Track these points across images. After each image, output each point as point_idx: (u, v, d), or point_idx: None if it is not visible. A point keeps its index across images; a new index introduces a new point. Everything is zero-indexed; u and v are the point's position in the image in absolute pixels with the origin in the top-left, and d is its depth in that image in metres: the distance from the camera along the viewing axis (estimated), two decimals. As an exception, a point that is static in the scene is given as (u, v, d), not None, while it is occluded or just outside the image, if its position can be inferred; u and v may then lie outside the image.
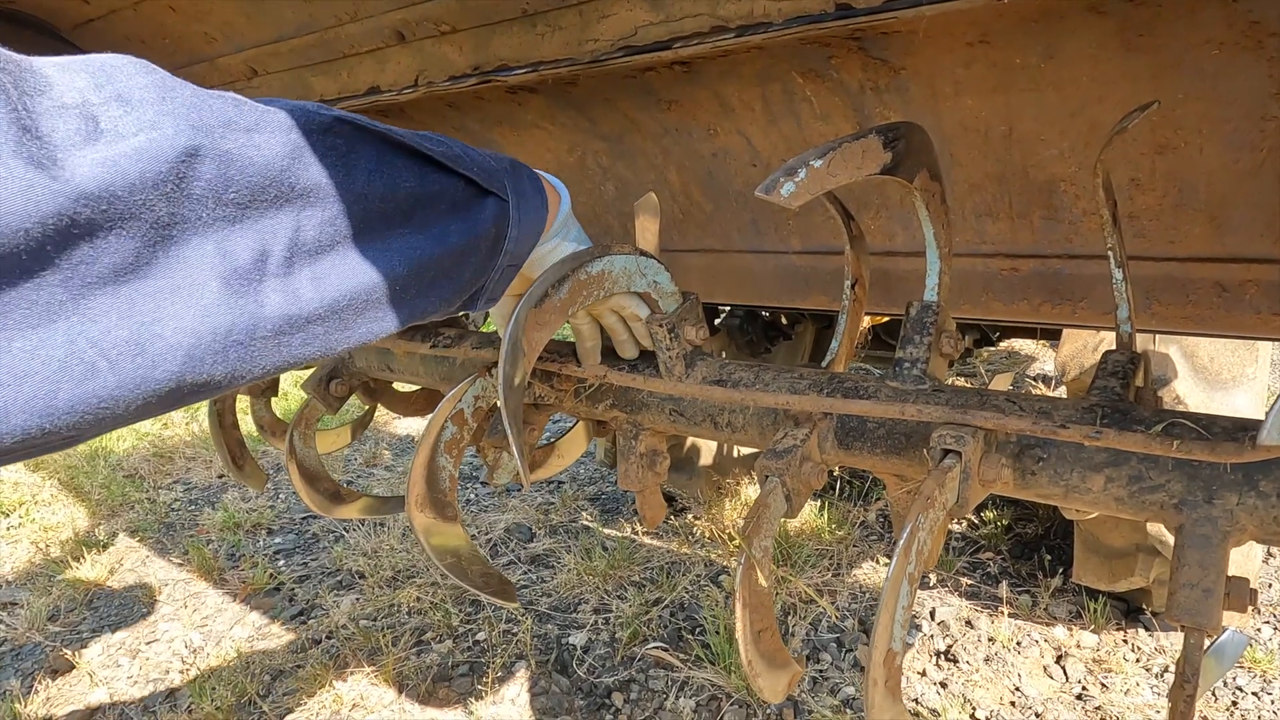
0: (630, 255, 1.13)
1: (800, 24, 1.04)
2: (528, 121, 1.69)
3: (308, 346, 0.72)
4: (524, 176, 0.97)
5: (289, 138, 0.70)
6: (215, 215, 0.63)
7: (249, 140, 0.66)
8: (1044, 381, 5.46)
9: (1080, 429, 0.88)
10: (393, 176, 0.78)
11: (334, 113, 0.76)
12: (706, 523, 4.00)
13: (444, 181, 0.85)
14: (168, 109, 0.61)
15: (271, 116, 0.70)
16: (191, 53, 1.85)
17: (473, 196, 0.89)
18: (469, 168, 0.88)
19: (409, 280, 0.80)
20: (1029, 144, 1.22)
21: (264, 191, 0.66)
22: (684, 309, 1.19)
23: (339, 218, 0.72)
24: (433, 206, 0.83)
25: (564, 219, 1.11)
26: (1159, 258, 1.24)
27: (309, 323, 0.71)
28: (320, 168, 0.71)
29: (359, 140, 0.77)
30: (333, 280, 0.72)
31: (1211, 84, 1.01)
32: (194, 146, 0.61)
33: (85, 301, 0.56)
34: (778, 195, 0.80)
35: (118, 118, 0.58)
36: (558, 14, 1.28)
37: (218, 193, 0.63)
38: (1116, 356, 1.04)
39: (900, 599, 0.80)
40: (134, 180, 0.57)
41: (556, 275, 1.03)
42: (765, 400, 1.10)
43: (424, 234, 0.81)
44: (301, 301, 0.70)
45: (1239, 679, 2.81)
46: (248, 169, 0.65)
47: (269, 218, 0.67)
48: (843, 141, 0.87)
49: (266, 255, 0.67)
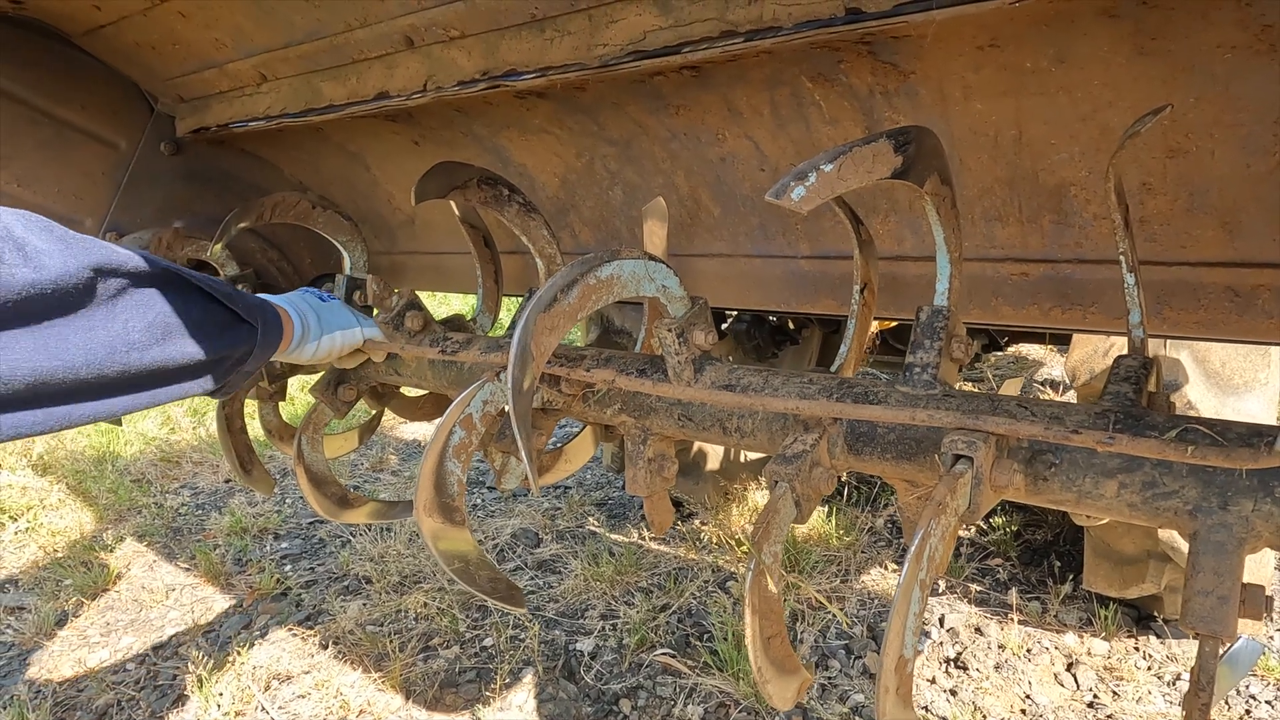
0: (639, 260, 1.13)
1: (810, 28, 1.04)
2: (536, 126, 1.69)
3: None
4: (269, 312, 1.34)
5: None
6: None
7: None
8: (1052, 386, 5.43)
9: (1093, 434, 0.88)
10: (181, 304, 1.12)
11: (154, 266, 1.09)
12: (714, 528, 3.99)
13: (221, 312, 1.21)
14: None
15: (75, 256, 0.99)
16: (201, 58, 1.85)
17: (235, 321, 1.24)
18: (237, 303, 1.23)
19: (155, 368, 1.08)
20: (1039, 148, 1.21)
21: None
22: (693, 313, 1.18)
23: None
24: (207, 323, 1.16)
25: (300, 336, 1.49)
26: (1170, 262, 1.23)
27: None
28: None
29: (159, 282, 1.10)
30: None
31: (1224, 87, 1.00)
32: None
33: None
34: (788, 200, 0.80)
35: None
36: (567, 19, 1.28)
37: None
38: (1129, 362, 1.03)
39: (912, 605, 0.80)
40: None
41: (566, 280, 1.03)
42: (775, 405, 1.10)
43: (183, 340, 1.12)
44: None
45: (1252, 687, 2.79)
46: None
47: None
48: (853, 146, 0.87)
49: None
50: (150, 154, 2.16)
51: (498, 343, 1.52)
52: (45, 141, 2.01)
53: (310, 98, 1.76)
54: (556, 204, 1.93)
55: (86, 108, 2.04)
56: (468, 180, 1.56)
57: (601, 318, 3.58)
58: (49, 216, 2.07)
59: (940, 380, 1.04)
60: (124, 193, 2.13)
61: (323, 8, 1.52)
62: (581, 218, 1.92)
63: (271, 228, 2.33)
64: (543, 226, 1.70)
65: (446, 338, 1.62)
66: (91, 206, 2.11)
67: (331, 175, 2.29)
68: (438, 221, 2.22)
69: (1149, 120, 0.94)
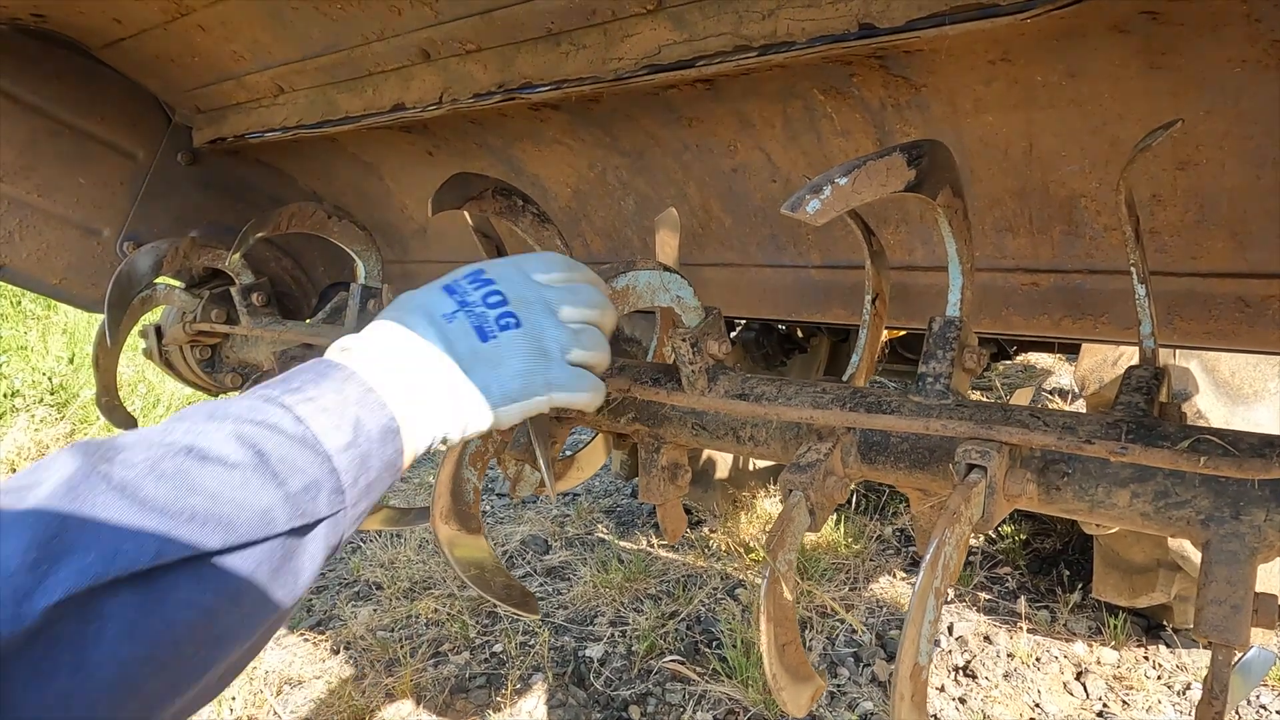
0: (654, 270, 1.14)
1: (823, 43, 1.05)
2: (549, 138, 1.71)
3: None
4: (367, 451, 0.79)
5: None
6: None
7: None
8: (1061, 395, 5.42)
9: (1106, 444, 0.88)
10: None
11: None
12: (723, 536, 3.99)
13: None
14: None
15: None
16: (220, 70, 1.88)
17: (291, 550, 0.73)
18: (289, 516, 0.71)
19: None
20: (1050, 160, 1.22)
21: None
22: (706, 323, 1.20)
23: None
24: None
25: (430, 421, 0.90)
26: (1181, 273, 1.24)
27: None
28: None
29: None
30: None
31: (1234, 101, 1.02)
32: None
33: None
34: (803, 213, 0.81)
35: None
36: (582, 33, 1.30)
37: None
38: (1140, 372, 1.04)
39: (927, 613, 0.81)
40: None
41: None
42: (789, 415, 1.11)
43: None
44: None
45: (1264, 697, 2.78)
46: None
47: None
48: (867, 159, 0.88)
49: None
50: (168, 164, 2.18)
51: None
52: (65, 152, 2.03)
53: (326, 109, 1.78)
54: (569, 214, 1.94)
55: (106, 119, 2.07)
56: (483, 191, 1.57)
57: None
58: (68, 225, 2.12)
59: (953, 390, 1.05)
60: (141, 202, 2.16)
61: (340, 21, 1.55)
62: (593, 227, 1.93)
63: (285, 237, 2.35)
64: (556, 236, 1.72)
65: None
66: (110, 216, 2.14)
67: (345, 185, 2.32)
68: (449, 231, 2.24)
69: (1159, 134, 0.95)
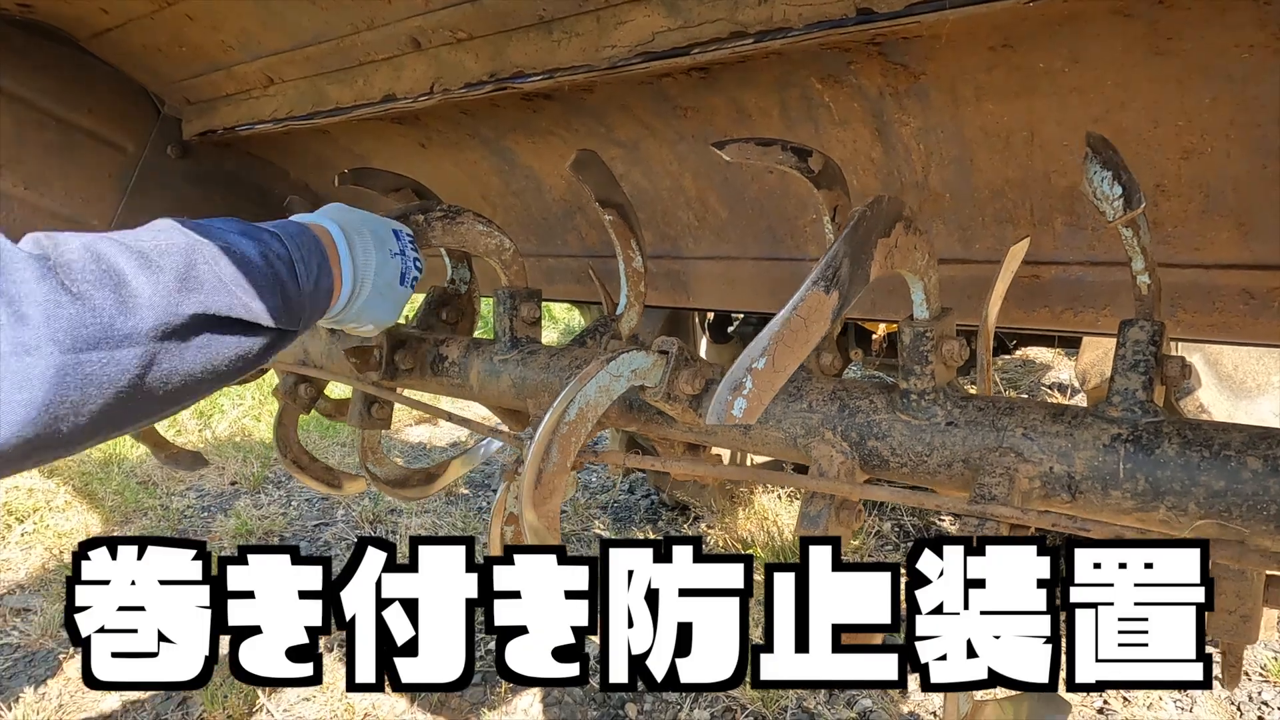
0: (595, 378, 1.09)
1: (821, 29, 1.03)
2: (543, 128, 1.68)
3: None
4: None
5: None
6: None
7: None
8: (1060, 390, 5.41)
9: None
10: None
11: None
12: (720, 531, 3.98)
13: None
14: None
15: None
16: (208, 61, 1.85)
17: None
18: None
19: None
20: (1051, 149, 1.20)
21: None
22: (672, 373, 1.14)
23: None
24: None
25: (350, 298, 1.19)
26: (1185, 264, 1.22)
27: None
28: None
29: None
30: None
31: (1240, 88, 0.99)
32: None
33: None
34: (731, 419, 0.73)
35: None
36: (575, 20, 1.28)
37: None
38: (1136, 334, 1.01)
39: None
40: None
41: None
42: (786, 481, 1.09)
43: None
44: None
45: (1265, 693, 2.77)
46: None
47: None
48: (774, 326, 0.77)
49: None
50: (157, 157, 2.15)
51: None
52: (52, 144, 2.00)
53: (317, 100, 1.76)
54: (563, 206, 1.92)
55: (94, 111, 2.04)
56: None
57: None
58: (56, 220, 2.08)
59: (937, 402, 1.03)
60: (131, 195, 2.13)
61: (329, 10, 1.52)
62: (588, 220, 1.91)
63: (277, 229, 2.32)
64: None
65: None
66: (99, 209, 2.11)
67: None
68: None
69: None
